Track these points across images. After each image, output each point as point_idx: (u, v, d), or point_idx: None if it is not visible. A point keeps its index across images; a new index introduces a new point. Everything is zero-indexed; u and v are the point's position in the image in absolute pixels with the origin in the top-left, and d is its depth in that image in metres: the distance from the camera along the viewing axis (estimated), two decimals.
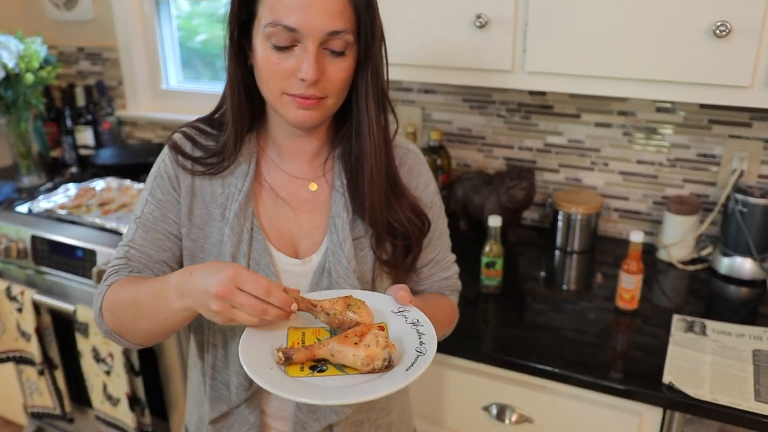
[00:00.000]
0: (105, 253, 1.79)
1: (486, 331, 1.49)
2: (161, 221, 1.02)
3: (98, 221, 1.90)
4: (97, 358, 1.82)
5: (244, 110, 1.00)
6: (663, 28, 1.34)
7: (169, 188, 1.02)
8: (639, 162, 1.84)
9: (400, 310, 0.92)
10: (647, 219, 1.89)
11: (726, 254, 1.69)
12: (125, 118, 2.64)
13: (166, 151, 1.04)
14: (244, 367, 0.80)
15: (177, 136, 1.04)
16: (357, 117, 0.99)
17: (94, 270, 1.77)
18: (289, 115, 0.94)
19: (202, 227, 1.02)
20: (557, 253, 1.87)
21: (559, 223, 1.86)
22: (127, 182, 2.20)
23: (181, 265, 1.04)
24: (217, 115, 1.05)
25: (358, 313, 0.87)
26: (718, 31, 1.28)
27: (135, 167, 2.32)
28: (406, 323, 0.90)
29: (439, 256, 1.16)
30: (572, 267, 1.80)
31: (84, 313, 1.80)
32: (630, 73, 1.41)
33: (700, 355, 1.34)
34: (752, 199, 1.62)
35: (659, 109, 1.77)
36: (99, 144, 2.56)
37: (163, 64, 2.59)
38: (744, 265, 1.67)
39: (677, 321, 1.48)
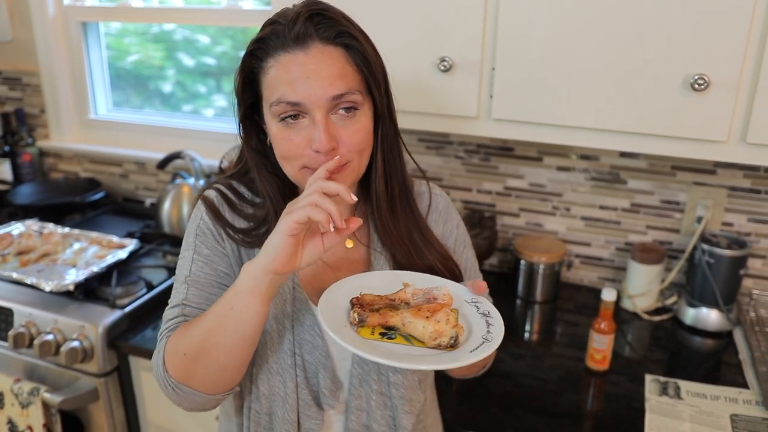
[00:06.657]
0: (23, 312, 1.59)
1: (446, 403, 1.37)
2: (213, 276, 0.99)
3: (15, 275, 1.68)
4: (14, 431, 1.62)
5: (276, 187, 0.99)
6: (637, 79, 1.28)
7: (213, 243, 1.00)
8: (602, 207, 1.78)
9: (474, 300, 0.95)
10: (609, 266, 1.83)
11: (692, 305, 1.64)
12: (48, 149, 2.42)
13: (202, 209, 1.02)
14: (321, 323, 0.85)
15: (212, 195, 1.02)
16: (383, 169, 0.98)
17: (11, 333, 1.55)
18: None
19: None
20: (518, 302, 1.78)
21: (521, 272, 1.77)
22: (50, 226, 1.96)
23: None
24: (249, 173, 1.03)
25: (439, 295, 0.91)
26: (696, 85, 1.23)
27: (59, 207, 2.09)
28: (477, 313, 0.92)
29: None
30: (536, 319, 1.72)
31: None
32: (602, 124, 1.34)
33: (678, 424, 1.28)
34: (719, 250, 1.57)
35: (623, 154, 1.71)
36: (18, 178, 2.33)
37: (91, 90, 2.38)
38: (710, 317, 1.63)
39: (650, 382, 1.41)
